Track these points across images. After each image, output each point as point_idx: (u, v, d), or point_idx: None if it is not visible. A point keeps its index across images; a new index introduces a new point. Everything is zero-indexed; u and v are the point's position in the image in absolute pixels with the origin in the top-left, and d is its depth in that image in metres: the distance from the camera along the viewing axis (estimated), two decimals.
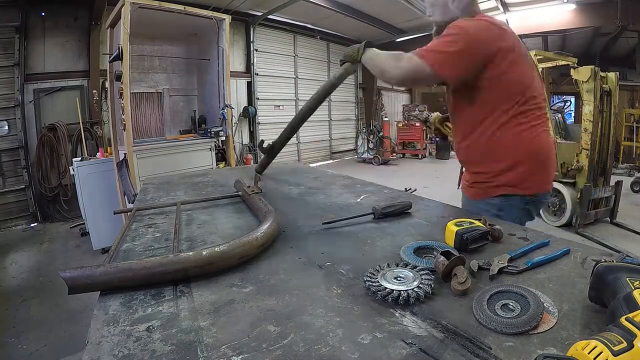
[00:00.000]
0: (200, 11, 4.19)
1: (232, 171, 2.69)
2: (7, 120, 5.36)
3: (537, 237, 1.00)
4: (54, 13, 5.58)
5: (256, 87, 8.56)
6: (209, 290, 0.78)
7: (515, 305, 0.65)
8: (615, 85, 4.50)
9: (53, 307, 2.96)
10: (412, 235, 1.08)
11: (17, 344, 2.51)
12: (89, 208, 4.30)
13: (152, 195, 1.73)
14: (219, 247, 0.86)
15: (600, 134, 4.50)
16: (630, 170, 8.23)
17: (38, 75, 5.55)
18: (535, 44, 9.63)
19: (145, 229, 1.21)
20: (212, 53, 4.49)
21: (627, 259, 0.67)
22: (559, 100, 7.21)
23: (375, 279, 0.75)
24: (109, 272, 0.78)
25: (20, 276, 3.67)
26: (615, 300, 0.57)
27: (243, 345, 0.59)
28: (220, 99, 4.46)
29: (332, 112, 10.80)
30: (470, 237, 0.90)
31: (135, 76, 4.18)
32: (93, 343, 0.61)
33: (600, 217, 4.70)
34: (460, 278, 0.73)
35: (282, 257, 0.95)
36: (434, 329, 0.62)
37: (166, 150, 4.05)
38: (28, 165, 5.56)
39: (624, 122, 9.18)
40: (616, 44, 8.73)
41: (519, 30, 7.81)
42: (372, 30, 9.33)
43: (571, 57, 5.49)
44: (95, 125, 5.87)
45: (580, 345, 0.46)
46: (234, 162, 4.82)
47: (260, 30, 8.49)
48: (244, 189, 1.47)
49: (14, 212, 5.49)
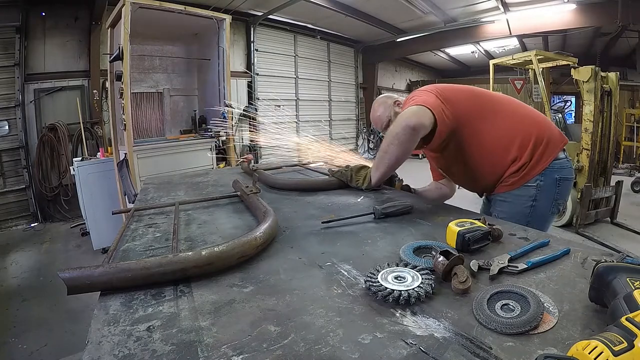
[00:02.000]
0: (201, 11, 4.19)
1: (233, 171, 2.69)
2: (7, 120, 5.36)
3: (537, 237, 1.00)
4: (54, 13, 5.58)
5: (257, 87, 8.56)
6: (210, 290, 0.78)
7: (516, 306, 0.65)
8: (615, 85, 4.50)
9: (53, 307, 2.96)
10: (413, 235, 1.07)
11: (17, 344, 2.51)
12: (89, 208, 4.30)
13: (152, 195, 1.73)
14: (218, 247, 0.86)
15: (600, 134, 4.50)
16: (630, 170, 8.22)
17: (38, 75, 5.55)
18: (535, 44, 9.62)
19: (145, 228, 1.22)
20: (213, 53, 4.49)
21: (628, 259, 0.67)
22: (560, 100, 7.22)
23: (376, 279, 0.75)
24: (108, 272, 0.78)
25: (20, 276, 3.67)
26: (615, 300, 0.57)
27: (243, 345, 0.59)
28: (221, 99, 4.46)
29: (333, 112, 10.79)
30: (472, 237, 0.90)
31: (135, 76, 4.18)
32: (93, 343, 0.61)
33: (601, 217, 4.70)
34: (461, 277, 0.73)
35: (282, 257, 0.95)
36: (434, 329, 0.62)
37: (166, 150, 4.05)
38: (28, 165, 5.56)
39: (625, 122, 9.17)
40: (617, 43, 8.72)
41: (519, 30, 7.83)
42: (372, 30, 9.32)
43: (572, 57, 5.48)
44: (96, 125, 5.87)
45: (581, 345, 0.46)
46: (235, 162, 4.82)
47: (260, 30, 8.49)
48: (243, 189, 1.47)
49: (14, 212, 5.49)
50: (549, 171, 1.41)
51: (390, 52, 10.73)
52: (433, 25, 8.74)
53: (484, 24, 8.22)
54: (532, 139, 1.42)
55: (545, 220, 1.49)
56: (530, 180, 1.42)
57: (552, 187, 1.42)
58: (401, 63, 13.23)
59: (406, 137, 1.35)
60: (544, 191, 1.41)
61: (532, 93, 6.85)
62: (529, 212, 1.42)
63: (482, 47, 10.74)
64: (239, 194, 1.50)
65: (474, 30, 8.52)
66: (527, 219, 1.38)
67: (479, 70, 11.83)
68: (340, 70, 10.80)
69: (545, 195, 1.42)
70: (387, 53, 10.81)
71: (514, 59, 5.72)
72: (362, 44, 10.77)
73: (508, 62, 5.88)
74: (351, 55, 11.04)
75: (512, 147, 1.43)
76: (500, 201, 1.50)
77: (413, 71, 14.20)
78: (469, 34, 8.71)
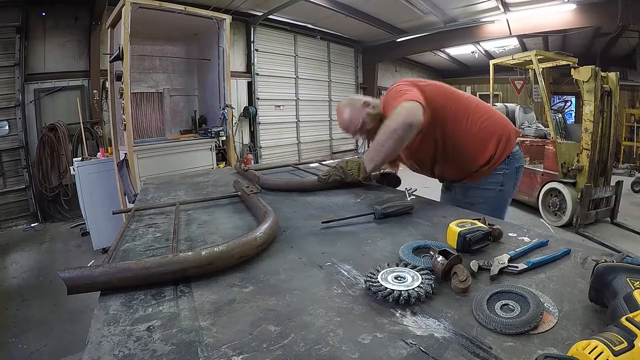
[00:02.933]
0: (201, 11, 4.19)
1: (233, 171, 2.69)
2: (7, 120, 5.35)
3: (537, 237, 1.00)
4: (54, 13, 5.58)
5: (257, 87, 8.55)
6: (210, 290, 0.78)
7: (515, 306, 0.65)
8: (615, 85, 4.49)
9: (53, 307, 2.96)
10: (413, 236, 1.07)
11: (17, 344, 2.51)
12: (89, 208, 4.30)
13: (152, 195, 1.73)
14: (218, 247, 0.86)
15: (600, 134, 4.49)
16: (630, 170, 8.22)
17: (38, 75, 5.55)
18: (535, 44, 9.61)
19: (145, 228, 1.22)
20: (213, 53, 4.49)
21: (628, 259, 0.67)
22: (560, 100, 7.21)
23: (376, 279, 0.75)
24: (108, 272, 0.78)
25: (20, 276, 3.67)
26: (615, 300, 0.57)
27: (243, 345, 0.59)
28: (221, 99, 4.46)
29: (333, 112, 10.79)
30: (473, 237, 0.90)
31: (135, 76, 4.18)
32: (93, 343, 0.61)
33: (601, 217, 4.69)
34: (461, 276, 0.73)
35: (282, 257, 0.95)
36: (434, 329, 0.62)
37: (167, 150, 4.05)
38: (29, 165, 5.56)
39: (625, 122, 9.17)
40: (617, 43, 8.71)
41: (519, 30, 7.81)
42: (372, 30, 9.31)
43: (572, 57, 5.49)
44: (96, 125, 5.87)
45: (581, 345, 0.46)
46: (235, 162, 4.82)
47: (260, 30, 8.48)
48: (243, 189, 1.47)
49: (14, 212, 5.49)
50: (510, 160, 1.64)
51: (390, 52, 10.72)
52: (433, 25, 8.73)
53: (484, 24, 8.21)
54: (502, 135, 1.63)
55: (508, 202, 1.74)
56: (497, 169, 1.63)
57: (514, 174, 1.66)
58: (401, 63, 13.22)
59: (404, 133, 1.42)
60: (508, 177, 1.65)
61: (532, 93, 6.86)
62: (497, 195, 1.66)
63: (482, 47, 10.73)
64: (240, 194, 1.50)
65: (474, 30, 8.51)
66: (496, 201, 1.66)
67: (479, 71, 11.82)
68: (340, 70, 10.79)
69: (509, 180, 1.66)
70: (387, 53, 10.80)
71: (514, 59, 5.73)
72: (362, 44, 10.76)
73: (508, 62, 5.89)
74: (351, 55, 11.03)
75: (489, 144, 1.61)
76: (473, 188, 1.68)
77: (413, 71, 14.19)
78: (469, 34, 8.70)
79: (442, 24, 8.44)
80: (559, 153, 4.72)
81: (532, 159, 5.39)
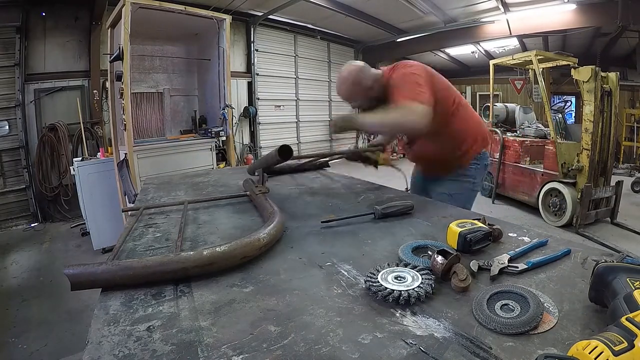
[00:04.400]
0: (201, 11, 4.19)
1: (233, 171, 2.69)
2: (7, 120, 5.35)
3: (537, 237, 1.00)
4: (54, 13, 5.58)
5: (257, 87, 8.55)
6: (210, 290, 0.78)
7: (515, 306, 0.65)
8: (615, 85, 4.49)
9: (53, 306, 2.96)
10: (413, 236, 1.07)
11: (17, 344, 2.51)
12: (89, 208, 4.30)
13: (152, 195, 1.73)
14: (220, 248, 0.86)
15: (600, 134, 4.49)
16: (630, 170, 8.21)
17: (39, 75, 5.55)
18: (535, 44, 9.61)
19: (145, 228, 1.22)
20: (213, 53, 4.49)
21: (628, 259, 0.67)
22: (560, 101, 7.21)
23: (376, 279, 0.75)
24: (111, 269, 0.79)
25: (20, 276, 3.67)
26: (615, 300, 0.57)
27: (243, 345, 0.59)
28: (221, 99, 4.46)
29: (333, 111, 10.78)
30: (473, 238, 0.90)
31: (135, 76, 4.18)
32: (93, 343, 0.61)
33: (601, 217, 4.69)
34: (461, 275, 0.73)
35: (282, 257, 0.95)
36: (434, 329, 0.62)
37: (167, 150, 4.05)
38: (29, 165, 5.56)
39: (625, 122, 9.16)
40: (617, 44, 8.70)
41: (519, 30, 7.82)
42: (372, 30, 9.31)
43: (572, 57, 5.48)
44: (96, 125, 5.87)
45: (581, 345, 0.46)
46: (235, 162, 4.82)
47: (260, 31, 8.49)
48: (252, 188, 1.47)
49: (14, 212, 5.49)
50: (480, 158, 1.85)
51: (390, 52, 10.71)
52: (433, 26, 8.73)
53: (484, 24, 8.21)
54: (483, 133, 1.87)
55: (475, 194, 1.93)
56: (471, 163, 1.83)
57: (483, 170, 1.89)
58: None
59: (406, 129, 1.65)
60: (478, 172, 1.85)
61: (532, 93, 6.87)
62: (470, 187, 1.85)
63: (482, 47, 10.73)
64: (249, 194, 1.51)
65: (474, 30, 8.51)
66: (471, 193, 1.87)
67: (479, 71, 11.80)
68: (340, 70, 10.80)
69: (479, 174, 1.86)
70: (387, 53, 10.79)
71: (514, 59, 5.72)
72: (362, 44, 10.76)
73: (508, 62, 5.89)
74: (351, 55, 11.02)
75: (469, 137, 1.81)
76: (450, 180, 1.84)
77: None
78: (469, 34, 8.70)
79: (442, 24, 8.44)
80: (559, 153, 4.72)
81: (532, 159, 5.38)
